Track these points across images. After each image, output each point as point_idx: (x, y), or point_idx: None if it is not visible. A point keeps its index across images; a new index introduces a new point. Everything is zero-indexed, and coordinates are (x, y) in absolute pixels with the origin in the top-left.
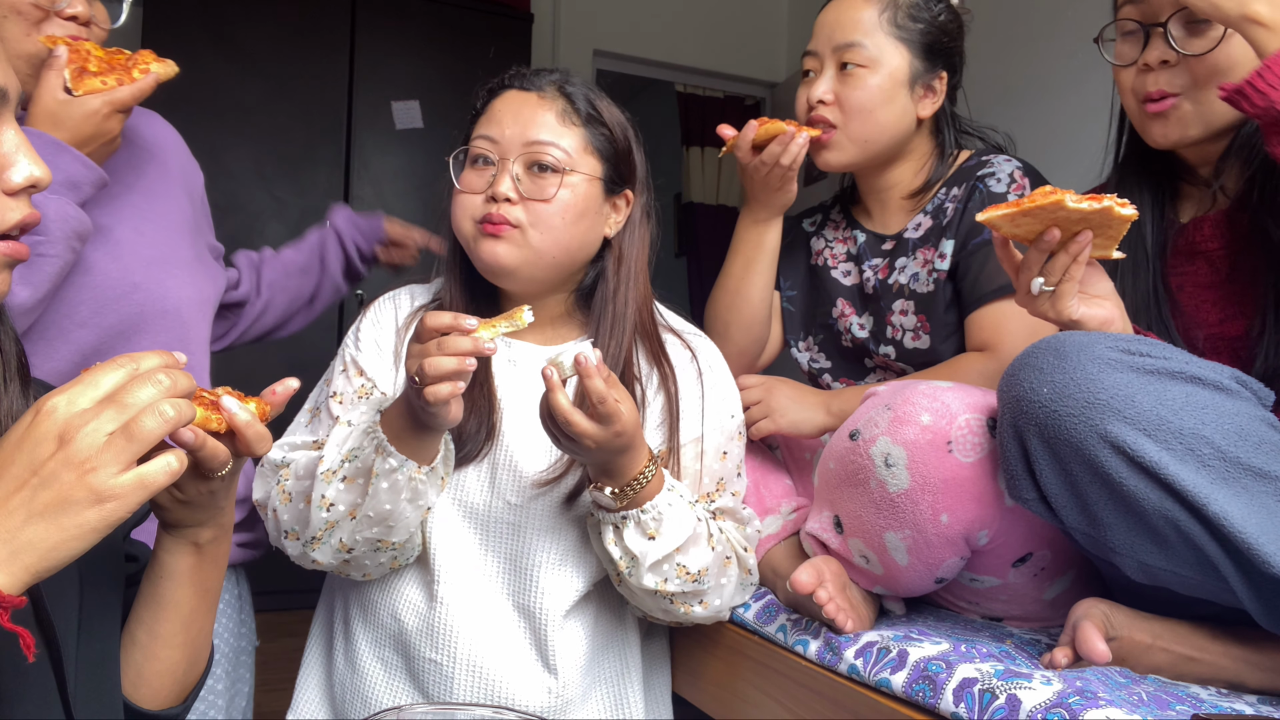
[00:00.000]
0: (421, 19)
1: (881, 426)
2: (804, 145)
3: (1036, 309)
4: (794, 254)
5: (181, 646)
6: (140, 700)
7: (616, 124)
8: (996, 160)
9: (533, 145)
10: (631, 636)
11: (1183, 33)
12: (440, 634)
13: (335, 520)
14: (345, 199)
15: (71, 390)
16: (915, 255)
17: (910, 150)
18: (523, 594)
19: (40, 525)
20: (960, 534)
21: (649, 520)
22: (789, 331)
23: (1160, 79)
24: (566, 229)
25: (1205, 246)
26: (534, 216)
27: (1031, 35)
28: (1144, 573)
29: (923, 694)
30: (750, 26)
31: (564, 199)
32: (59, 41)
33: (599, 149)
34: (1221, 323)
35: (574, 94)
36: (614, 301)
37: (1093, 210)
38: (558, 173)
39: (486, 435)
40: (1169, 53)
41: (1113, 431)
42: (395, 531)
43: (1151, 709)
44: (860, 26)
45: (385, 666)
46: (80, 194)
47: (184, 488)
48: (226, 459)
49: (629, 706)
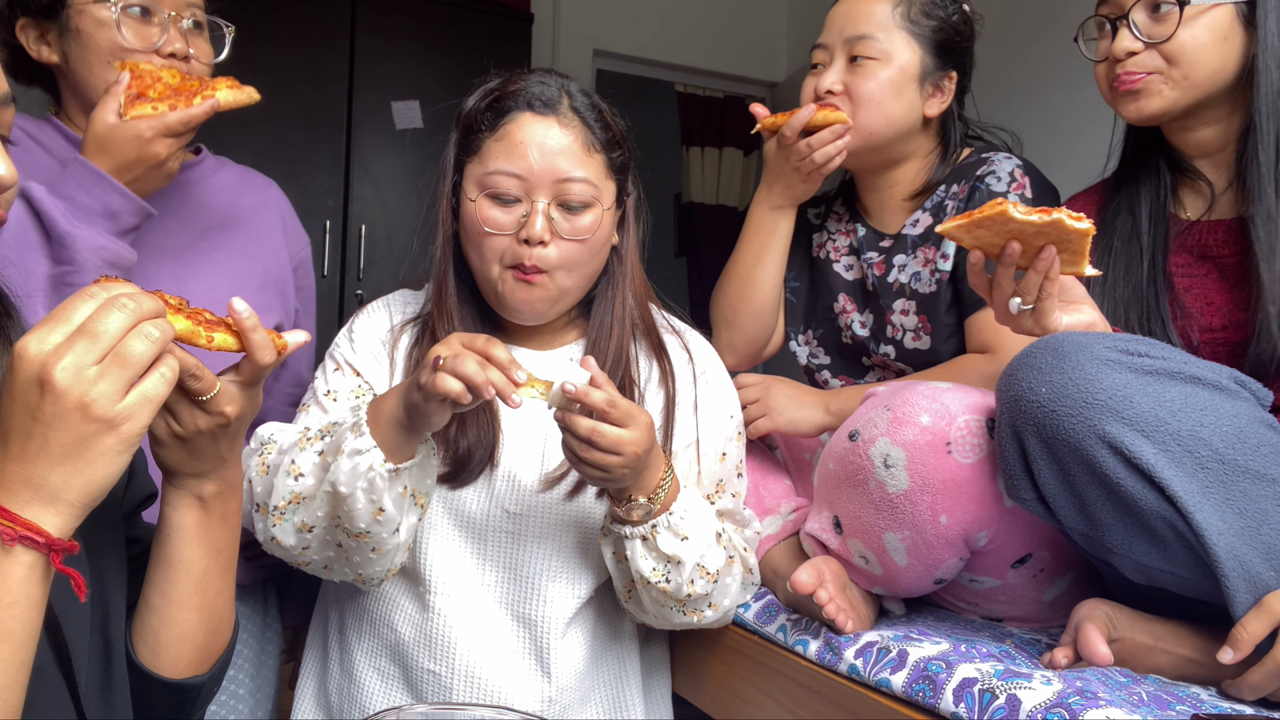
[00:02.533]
0: (421, 19)
1: (881, 427)
2: (849, 141)
3: (1019, 326)
4: (797, 245)
5: (197, 609)
6: (161, 668)
7: (625, 136)
8: (997, 158)
9: (563, 183)
10: (630, 639)
11: (1146, 19)
12: (437, 644)
13: (301, 493)
14: (345, 199)
15: (40, 330)
16: (915, 254)
17: (914, 150)
18: (523, 603)
19: (65, 467)
20: (959, 535)
21: (677, 521)
22: (790, 323)
23: (1129, 65)
24: (593, 263)
25: (1218, 252)
26: (564, 257)
27: (1031, 35)
28: (1141, 573)
29: (923, 694)
30: (750, 26)
31: (595, 235)
32: (125, 66)
33: (614, 170)
34: (1225, 329)
35: (588, 116)
36: (612, 301)
37: (1043, 223)
38: (590, 207)
39: (488, 459)
40: (1135, 42)
41: (1111, 432)
42: (351, 519)
43: (1151, 709)
44: (874, 20)
45: (382, 677)
46: (119, 224)
47: (180, 418)
48: (213, 381)
49: (629, 708)
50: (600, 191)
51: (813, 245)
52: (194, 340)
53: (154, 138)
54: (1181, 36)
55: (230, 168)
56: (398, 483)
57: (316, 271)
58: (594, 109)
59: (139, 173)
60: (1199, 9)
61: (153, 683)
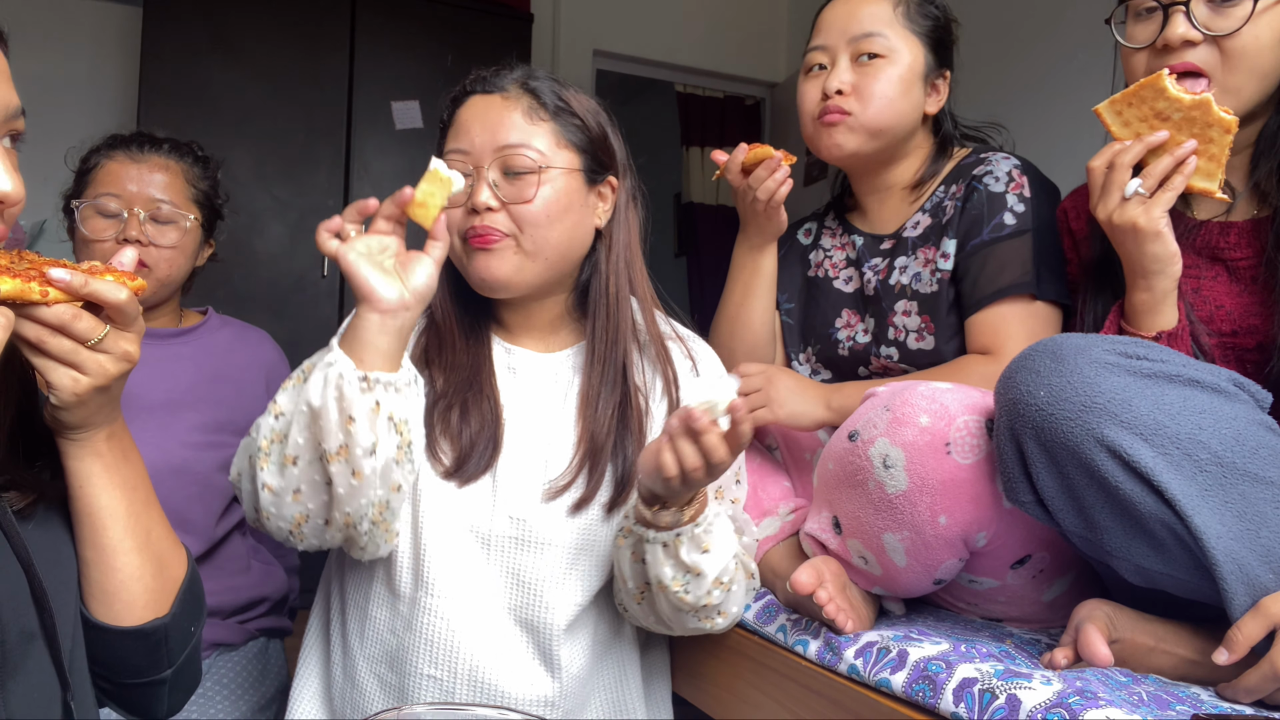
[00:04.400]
0: (421, 19)
1: (880, 428)
2: (788, 174)
3: (1124, 216)
4: (790, 266)
5: (135, 551)
6: (117, 618)
7: (588, 112)
8: (995, 158)
9: (504, 150)
10: (631, 641)
11: (1207, 11)
12: (439, 649)
13: (282, 432)
14: (345, 199)
15: None
16: (916, 254)
17: (913, 148)
18: (526, 608)
19: None
20: (958, 535)
21: (702, 534)
22: (789, 345)
23: (1185, 57)
24: (554, 226)
25: (1229, 255)
26: (519, 221)
27: (1031, 35)
28: (1140, 575)
29: (923, 694)
30: (750, 26)
31: (545, 196)
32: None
33: (573, 140)
34: (1235, 334)
35: (538, 88)
36: (608, 292)
37: (1193, 101)
38: (534, 172)
39: (492, 449)
40: (1193, 32)
41: (1109, 435)
42: (326, 436)
43: (1151, 709)
44: (878, 19)
45: (381, 683)
46: None
47: (87, 369)
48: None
49: (629, 710)
50: (549, 157)
51: (810, 265)
52: (27, 297)
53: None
54: (1247, 32)
55: (231, 327)
56: (370, 395)
57: (317, 270)
58: (551, 86)
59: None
60: (1270, 3)
61: (114, 634)
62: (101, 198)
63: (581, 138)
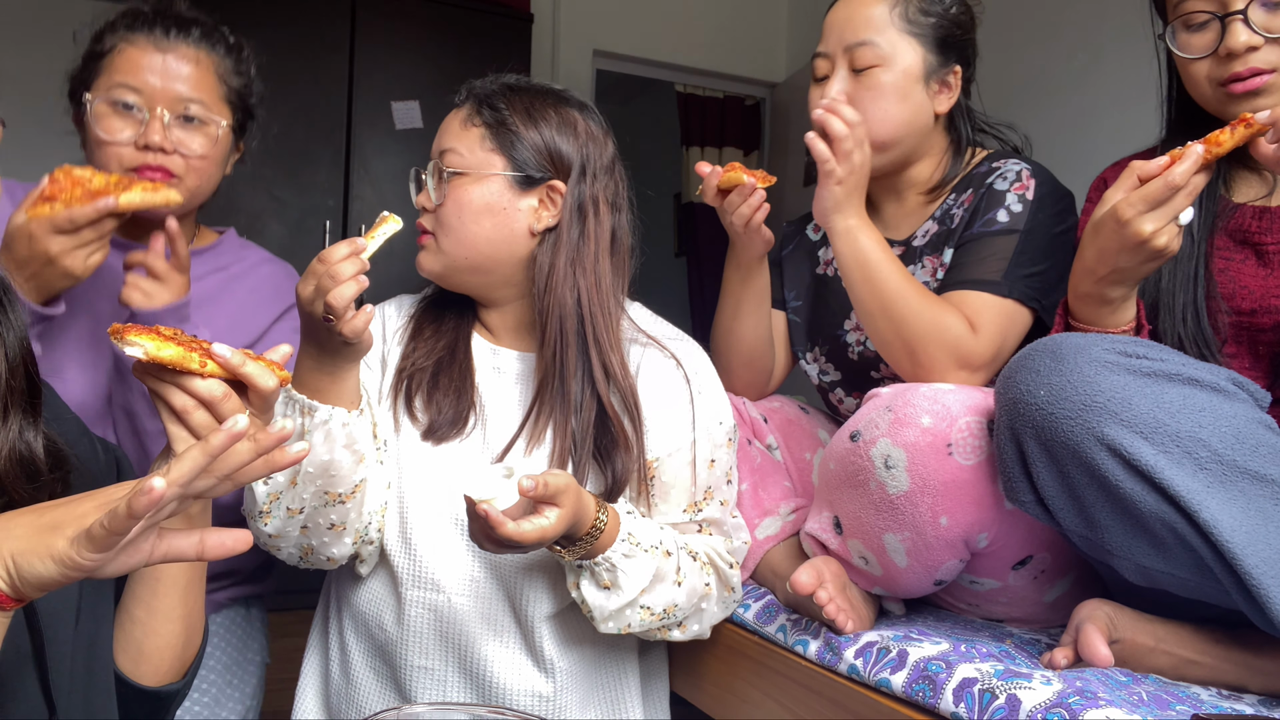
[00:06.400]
0: (421, 19)
1: (882, 428)
2: (762, 199)
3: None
4: (798, 263)
5: (180, 619)
6: (141, 677)
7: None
8: (1008, 164)
9: (442, 155)
10: (629, 640)
11: (1264, 14)
12: (431, 641)
13: (277, 493)
14: (345, 199)
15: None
16: (923, 262)
17: (928, 148)
18: (507, 598)
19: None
20: (960, 536)
21: (602, 573)
22: (796, 344)
23: (1250, 60)
24: (467, 228)
25: (1258, 239)
26: (438, 222)
27: (1032, 35)
28: (1141, 575)
29: (923, 694)
30: (750, 26)
31: (459, 199)
32: (57, 172)
33: (499, 146)
34: (1254, 313)
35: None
36: (544, 298)
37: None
38: (453, 178)
39: (467, 408)
40: (1255, 37)
41: (1109, 434)
42: (338, 482)
43: (1151, 709)
44: (872, 24)
45: (378, 676)
46: None
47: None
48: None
49: (627, 709)
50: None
51: (819, 263)
52: (186, 365)
53: (42, 235)
54: None
55: (250, 250)
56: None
57: None
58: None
59: (34, 269)
60: None
61: (131, 690)
62: (117, 89)
63: (508, 141)
